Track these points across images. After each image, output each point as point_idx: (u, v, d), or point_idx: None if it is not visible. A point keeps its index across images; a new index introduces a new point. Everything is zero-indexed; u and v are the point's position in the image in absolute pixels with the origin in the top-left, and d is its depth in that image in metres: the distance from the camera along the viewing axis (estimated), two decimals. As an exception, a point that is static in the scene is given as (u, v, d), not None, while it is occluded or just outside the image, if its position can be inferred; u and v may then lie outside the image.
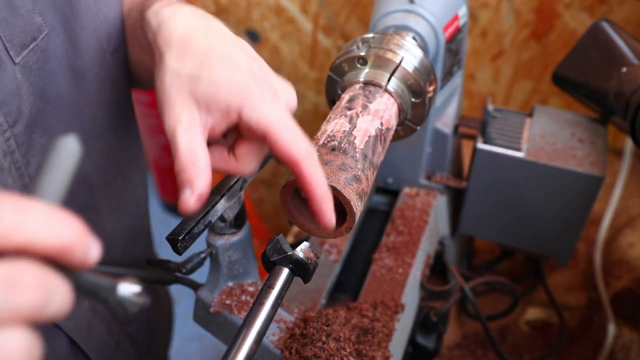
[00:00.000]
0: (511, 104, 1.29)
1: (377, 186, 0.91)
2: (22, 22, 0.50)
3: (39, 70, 0.53)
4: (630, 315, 0.91)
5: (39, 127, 0.54)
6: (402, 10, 0.73)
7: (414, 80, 0.63)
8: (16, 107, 0.50)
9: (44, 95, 0.54)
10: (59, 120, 0.57)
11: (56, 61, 0.55)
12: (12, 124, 0.51)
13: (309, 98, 1.49)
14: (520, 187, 0.82)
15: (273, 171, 1.74)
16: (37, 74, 0.53)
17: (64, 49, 0.55)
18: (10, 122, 0.50)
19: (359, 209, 0.51)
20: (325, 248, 0.78)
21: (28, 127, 0.53)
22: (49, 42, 0.53)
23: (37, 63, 0.52)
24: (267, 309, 0.48)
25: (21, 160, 0.53)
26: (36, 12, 0.51)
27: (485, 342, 0.92)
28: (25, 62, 0.51)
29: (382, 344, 0.63)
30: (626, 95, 0.76)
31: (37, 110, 0.53)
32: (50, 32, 0.53)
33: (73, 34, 0.56)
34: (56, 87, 0.55)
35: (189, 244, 0.54)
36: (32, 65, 0.52)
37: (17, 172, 0.53)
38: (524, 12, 1.15)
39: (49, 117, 0.55)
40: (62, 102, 0.56)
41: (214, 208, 0.57)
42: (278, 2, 1.31)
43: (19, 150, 0.52)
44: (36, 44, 0.52)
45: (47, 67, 0.54)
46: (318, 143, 0.55)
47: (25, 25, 0.50)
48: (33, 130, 0.54)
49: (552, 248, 0.87)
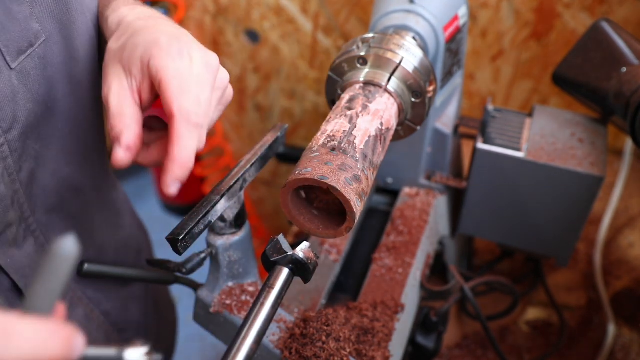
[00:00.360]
0: (511, 104, 1.29)
1: (377, 186, 0.91)
2: (19, 28, 0.50)
3: (38, 76, 0.53)
4: (630, 315, 0.91)
5: (34, 133, 0.54)
6: (402, 10, 0.73)
7: (414, 80, 0.63)
8: (11, 113, 0.50)
9: (42, 101, 0.54)
10: (54, 127, 0.57)
11: (54, 68, 0.55)
12: (6, 130, 0.50)
13: (309, 98, 1.49)
14: (520, 187, 0.82)
15: (273, 171, 1.74)
16: (35, 81, 0.52)
17: (62, 56, 0.55)
18: (4, 128, 0.50)
19: (359, 209, 0.51)
20: (325, 248, 0.78)
21: (23, 133, 0.52)
22: (47, 49, 0.53)
23: (35, 69, 0.52)
24: (267, 309, 0.48)
25: (13, 166, 0.52)
26: (34, 18, 0.51)
27: (485, 342, 0.92)
28: (23, 68, 0.51)
29: (382, 344, 0.63)
30: (626, 95, 0.76)
31: (34, 116, 0.53)
32: (48, 38, 0.53)
33: (70, 40, 0.56)
34: (54, 94, 0.55)
35: (189, 244, 0.54)
36: (31, 72, 0.52)
37: (9, 177, 0.52)
38: (524, 12, 1.15)
39: (46, 124, 0.55)
40: (59, 110, 0.56)
41: (214, 208, 0.57)
42: (278, 2, 1.31)
43: (12, 157, 0.52)
44: (33, 50, 0.52)
45: (46, 73, 0.54)
46: (318, 143, 0.55)
47: (22, 31, 0.50)
48: (28, 137, 0.53)
49: (552, 248, 0.87)
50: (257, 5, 1.34)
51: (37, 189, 0.57)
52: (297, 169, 0.52)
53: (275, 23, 1.36)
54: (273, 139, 0.65)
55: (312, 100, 1.49)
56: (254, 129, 1.66)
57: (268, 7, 1.33)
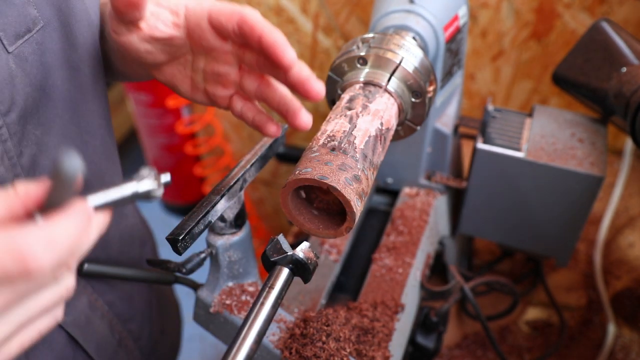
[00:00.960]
0: (511, 104, 1.29)
1: (377, 186, 0.91)
2: (16, 13, 0.51)
3: (36, 62, 0.54)
4: (630, 315, 0.91)
5: (34, 118, 0.55)
6: (402, 10, 0.73)
7: (414, 80, 0.63)
8: (9, 96, 0.51)
9: (40, 87, 0.55)
10: (54, 113, 0.57)
11: (53, 54, 0.55)
12: (4, 113, 0.51)
13: (309, 98, 1.49)
14: (520, 187, 0.82)
15: (273, 171, 1.74)
16: (33, 66, 0.53)
17: (61, 43, 0.56)
18: (2, 111, 0.51)
19: (359, 209, 0.51)
20: (325, 248, 0.78)
21: (22, 117, 0.53)
22: (45, 35, 0.54)
23: (33, 55, 0.53)
24: (267, 309, 0.48)
25: (14, 150, 0.53)
26: (31, 4, 0.52)
27: (485, 342, 0.92)
28: (20, 53, 0.52)
29: (382, 344, 0.63)
30: (626, 95, 0.76)
31: (32, 101, 0.54)
32: (46, 25, 0.54)
33: (68, 27, 0.57)
34: (52, 80, 0.56)
35: (189, 244, 0.54)
36: (28, 57, 0.53)
37: (9, 161, 0.53)
38: (524, 12, 1.15)
39: (45, 109, 0.56)
40: (59, 96, 0.57)
41: (214, 208, 0.57)
42: (278, 2, 1.31)
43: (11, 140, 0.53)
44: (31, 36, 0.53)
45: (43, 59, 0.54)
46: (318, 143, 0.55)
47: (19, 15, 0.51)
48: (27, 121, 0.54)
49: (552, 248, 0.87)
50: (257, 5, 1.34)
51: (40, 175, 0.57)
52: (297, 169, 0.52)
53: (275, 23, 1.36)
54: (273, 139, 0.65)
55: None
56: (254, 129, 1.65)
57: (268, 7, 1.33)
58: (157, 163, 2.15)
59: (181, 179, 2.14)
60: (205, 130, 1.76)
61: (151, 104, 1.95)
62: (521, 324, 0.96)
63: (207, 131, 1.75)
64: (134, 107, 2.01)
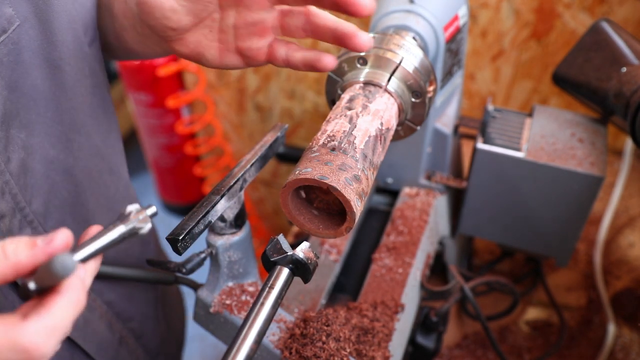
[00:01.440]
0: (511, 104, 1.29)
1: (377, 186, 0.91)
2: None
3: (11, 63, 0.51)
4: (630, 315, 0.91)
5: (15, 121, 0.53)
6: (402, 10, 0.73)
7: (414, 80, 0.63)
8: None
9: (18, 88, 0.53)
10: (37, 113, 0.55)
11: (30, 53, 0.53)
12: None
13: (309, 98, 1.49)
14: (520, 187, 0.82)
15: (273, 171, 1.74)
16: (9, 67, 0.51)
17: (39, 40, 0.54)
18: None
19: (359, 208, 0.51)
20: (325, 248, 0.78)
21: (4, 122, 0.51)
22: (22, 33, 0.52)
23: (8, 56, 0.51)
24: (267, 309, 0.48)
25: (0, 157, 0.52)
26: (6, 3, 0.50)
27: (485, 342, 0.92)
28: None
29: (382, 344, 0.63)
30: (626, 95, 0.76)
31: (11, 104, 0.52)
32: (23, 23, 0.52)
33: (47, 24, 0.54)
34: (31, 80, 0.54)
35: (189, 244, 0.54)
36: (3, 59, 0.51)
37: None
38: (524, 12, 1.15)
39: (26, 111, 0.54)
40: (39, 95, 0.55)
41: (214, 208, 0.57)
42: (278, 2, 1.31)
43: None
44: (7, 37, 0.50)
45: (20, 59, 0.52)
46: (318, 143, 0.55)
47: None
48: (10, 125, 0.52)
49: (552, 248, 0.87)
50: (257, 5, 1.34)
51: (31, 179, 0.56)
52: (297, 169, 0.52)
53: (275, 23, 1.36)
54: (273, 139, 0.65)
55: (312, 100, 1.49)
56: (254, 129, 1.66)
57: (268, 7, 1.33)
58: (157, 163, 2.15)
59: (181, 179, 2.13)
60: (205, 130, 1.76)
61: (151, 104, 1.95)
62: (521, 324, 0.96)
63: (207, 131, 1.75)
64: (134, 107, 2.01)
